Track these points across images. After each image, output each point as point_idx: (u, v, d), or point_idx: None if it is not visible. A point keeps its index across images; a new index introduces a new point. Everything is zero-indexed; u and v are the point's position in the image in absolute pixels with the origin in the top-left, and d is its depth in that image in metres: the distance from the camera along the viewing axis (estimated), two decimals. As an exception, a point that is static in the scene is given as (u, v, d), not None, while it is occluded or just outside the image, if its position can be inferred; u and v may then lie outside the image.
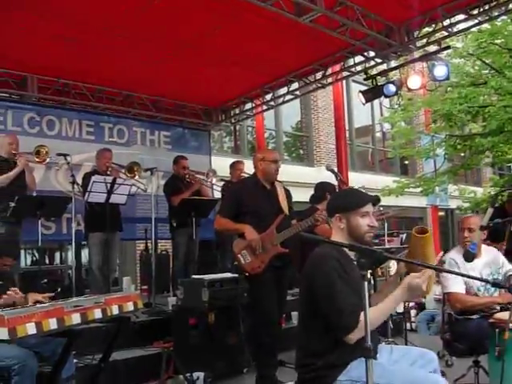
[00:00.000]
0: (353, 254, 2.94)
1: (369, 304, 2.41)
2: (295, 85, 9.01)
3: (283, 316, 5.94)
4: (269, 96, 9.47)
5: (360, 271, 2.37)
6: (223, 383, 5.44)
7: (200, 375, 5.30)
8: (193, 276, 6.30)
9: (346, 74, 8.76)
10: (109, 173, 7.05)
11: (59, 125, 8.37)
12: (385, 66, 8.62)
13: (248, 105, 9.98)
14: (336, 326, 2.74)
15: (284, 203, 5.06)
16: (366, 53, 7.95)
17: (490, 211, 4.59)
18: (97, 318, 3.85)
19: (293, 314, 6.75)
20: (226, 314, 5.62)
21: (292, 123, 17.19)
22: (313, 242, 2.89)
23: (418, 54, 8.08)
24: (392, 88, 7.91)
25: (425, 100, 13.79)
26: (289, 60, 8.11)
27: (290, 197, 5.27)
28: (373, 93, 8.15)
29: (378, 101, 11.46)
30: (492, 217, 4.60)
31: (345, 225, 3.00)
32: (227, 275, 6.15)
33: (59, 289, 7.89)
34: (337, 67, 8.46)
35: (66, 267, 12.23)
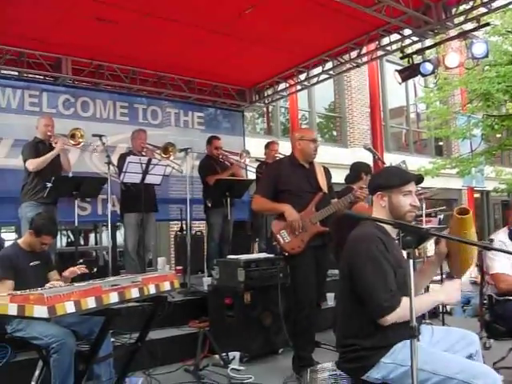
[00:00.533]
0: (394, 233, 2.89)
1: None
2: (329, 64, 8.87)
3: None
4: (303, 76, 9.34)
5: (406, 249, 2.32)
6: (259, 363, 5.44)
7: (236, 355, 5.32)
8: (228, 256, 6.30)
9: (381, 53, 8.58)
10: (144, 153, 7.07)
11: (93, 106, 8.42)
12: (420, 45, 8.43)
13: (282, 85, 9.88)
14: (376, 307, 2.69)
15: (323, 182, 4.95)
16: (402, 31, 7.77)
17: None
18: (134, 297, 3.85)
19: (328, 295, 6.71)
20: (262, 295, 5.60)
21: (325, 104, 17.07)
22: (356, 219, 2.83)
23: (455, 32, 7.88)
24: (429, 67, 7.72)
25: (461, 79, 13.53)
26: (323, 39, 7.97)
27: (330, 176, 5.15)
28: (409, 72, 7.99)
29: (412, 81, 11.24)
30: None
31: (386, 203, 2.93)
32: (263, 255, 6.14)
33: (95, 269, 7.95)
34: (372, 46, 8.28)
35: (101, 248, 12.38)
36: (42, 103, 7.88)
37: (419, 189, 5.72)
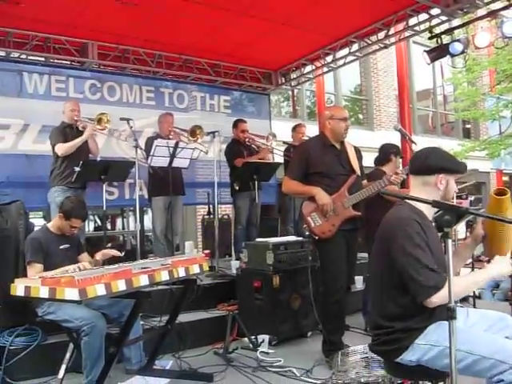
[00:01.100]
0: (431, 216, 2.84)
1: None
2: (356, 46, 8.75)
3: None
4: (329, 58, 9.23)
5: (445, 228, 2.27)
6: (287, 346, 5.42)
7: (265, 338, 5.32)
8: (257, 239, 6.28)
9: (409, 34, 8.42)
10: (171, 137, 7.06)
11: (120, 91, 8.42)
12: (448, 25, 8.24)
13: (308, 68, 9.78)
14: (419, 288, 2.63)
15: (355, 163, 4.82)
16: (430, 10, 7.61)
17: None
18: (164, 280, 3.87)
19: (356, 278, 6.66)
20: (291, 278, 5.56)
21: (351, 87, 16.90)
22: (397, 198, 2.78)
23: (484, 12, 7.70)
24: (458, 47, 7.56)
25: (491, 60, 13.30)
26: (350, 20, 7.87)
27: (361, 156, 4.99)
28: (438, 52, 7.82)
29: (439, 64, 11.03)
30: None
31: (444, 186, 2.88)
32: (292, 238, 6.09)
33: (123, 253, 8.00)
34: (399, 26, 8.12)
35: (128, 233, 12.46)
36: (69, 88, 7.90)
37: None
